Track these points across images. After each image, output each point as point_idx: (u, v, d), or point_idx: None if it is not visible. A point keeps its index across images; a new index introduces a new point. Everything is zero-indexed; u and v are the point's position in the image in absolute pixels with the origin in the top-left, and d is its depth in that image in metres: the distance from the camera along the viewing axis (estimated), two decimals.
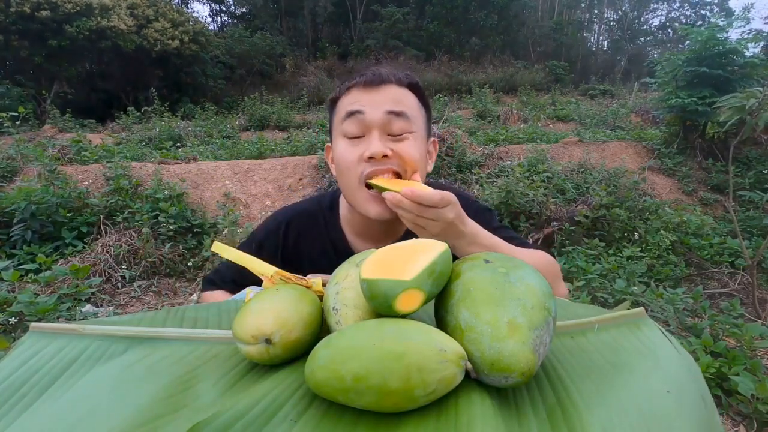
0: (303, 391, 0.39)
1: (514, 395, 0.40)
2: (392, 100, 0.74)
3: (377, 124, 0.73)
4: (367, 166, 0.73)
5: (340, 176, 0.78)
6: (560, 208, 3.80)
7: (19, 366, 0.48)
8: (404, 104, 0.75)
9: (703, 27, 5.41)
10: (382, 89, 0.74)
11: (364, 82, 0.74)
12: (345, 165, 0.75)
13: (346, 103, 0.76)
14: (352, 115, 0.73)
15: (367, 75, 0.75)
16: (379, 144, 0.72)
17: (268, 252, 0.89)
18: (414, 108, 0.77)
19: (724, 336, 2.16)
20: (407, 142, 0.75)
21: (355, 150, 0.74)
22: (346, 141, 0.75)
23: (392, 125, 0.73)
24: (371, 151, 0.71)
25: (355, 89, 0.75)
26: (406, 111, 0.74)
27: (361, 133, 0.74)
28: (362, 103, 0.73)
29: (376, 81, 0.74)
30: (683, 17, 26.14)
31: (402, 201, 0.63)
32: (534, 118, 8.87)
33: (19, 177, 4.10)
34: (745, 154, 5.61)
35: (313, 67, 16.86)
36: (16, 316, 2.34)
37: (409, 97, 0.77)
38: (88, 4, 10.71)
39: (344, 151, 0.75)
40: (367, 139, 0.74)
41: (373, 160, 0.72)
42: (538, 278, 0.42)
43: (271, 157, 5.49)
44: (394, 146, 0.73)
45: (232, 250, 0.56)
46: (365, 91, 0.74)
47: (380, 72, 0.75)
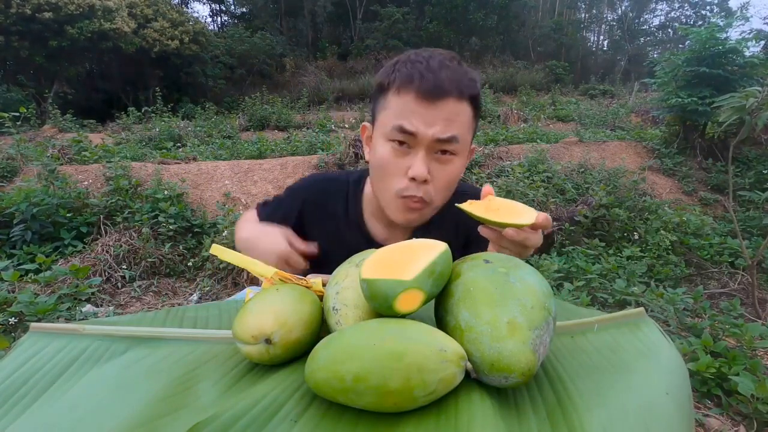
0: (303, 391, 0.39)
1: (514, 395, 0.39)
2: (447, 119, 0.69)
3: (425, 144, 0.70)
4: (409, 185, 0.72)
5: (378, 175, 0.77)
6: (560, 208, 3.80)
7: (19, 366, 0.48)
8: (457, 125, 0.71)
9: (702, 27, 5.41)
10: (439, 105, 0.68)
11: (423, 92, 0.68)
12: (386, 172, 0.74)
13: (397, 107, 0.71)
14: (404, 132, 0.70)
15: (427, 82, 0.68)
16: (423, 168, 0.70)
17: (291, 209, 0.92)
18: (466, 125, 0.73)
19: (724, 336, 2.16)
20: (451, 165, 0.74)
21: (399, 162, 0.72)
22: (391, 146, 0.72)
23: (442, 145, 0.72)
24: (414, 173, 0.70)
25: (412, 95, 0.69)
26: (457, 135, 0.71)
27: (409, 143, 0.71)
28: (415, 120, 0.69)
29: (435, 94, 0.68)
30: (683, 17, 26.14)
31: (519, 234, 0.56)
32: (534, 118, 8.87)
33: (19, 177, 4.10)
34: (745, 154, 5.61)
35: (313, 67, 16.87)
36: (16, 316, 2.34)
37: (465, 112, 0.72)
38: (91, 5, 10.71)
39: (388, 158, 0.73)
40: (413, 152, 0.71)
41: (414, 181, 0.71)
42: (538, 278, 0.42)
43: (271, 157, 5.49)
44: (437, 170, 0.73)
45: (231, 253, 0.56)
46: (422, 103, 0.68)
47: (442, 83, 0.68)
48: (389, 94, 0.72)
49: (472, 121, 0.75)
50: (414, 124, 0.69)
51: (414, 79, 0.69)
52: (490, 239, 0.59)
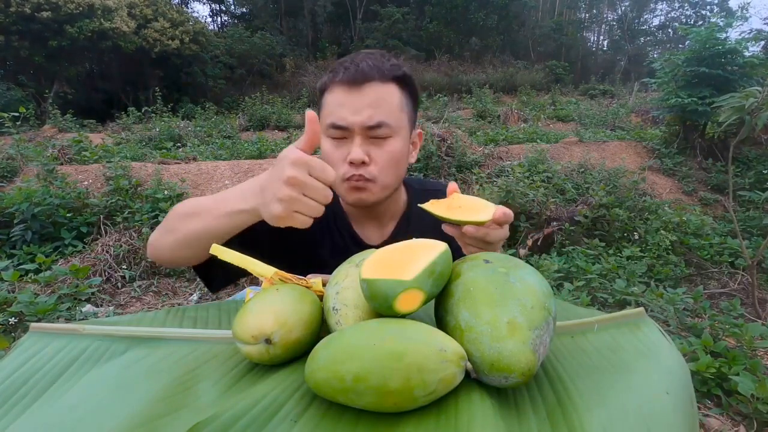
0: (303, 391, 0.39)
1: (514, 395, 0.39)
2: (372, 106, 0.74)
3: (358, 130, 0.75)
4: (349, 169, 0.77)
5: None
6: (560, 208, 3.79)
7: (19, 366, 0.48)
8: (384, 109, 0.75)
9: (702, 27, 5.41)
10: (364, 89, 0.74)
11: (346, 81, 0.74)
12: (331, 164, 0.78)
13: (330, 103, 0.77)
14: (336, 127, 0.76)
15: (349, 71, 0.75)
16: (359, 151, 0.75)
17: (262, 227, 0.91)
18: (395, 107, 0.77)
19: (724, 336, 2.16)
20: (387, 146, 0.78)
21: (339, 152, 0.77)
22: (330, 141, 0.78)
23: (373, 131, 0.76)
24: (351, 157, 0.75)
25: (339, 87, 0.76)
26: (384, 119, 0.75)
27: (344, 135, 0.77)
28: (344, 111, 0.75)
29: (359, 79, 0.74)
30: (683, 17, 26.15)
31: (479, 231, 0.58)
32: (534, 118, 8.87)
33: (19, 177, 4.10)
34: (745, 154, 5.61)
35: (313, 67, 16.87)
36: (16, 316, 2.34)
37: (392, 94, 0.77)
38: (90, 5, 10.71)
39: (329, 151, 0.79)
40: (350, 141, 0.76)
41: (353, 165, 0.76)
42: (538, 278, 0.42)
43: (271, 157, 5.49)
44: (375, 151, 0.77)
45: (231, 252, 0.56)
46: (347, 91, 0.75)
47: (363, 68, 0.74)
48: (325, 94, 0.79)
49: (402, 101, 0.79)
50: (342, 117, 0.74)
51: (339, 72, 0.76)
52: (455, 236, 0.61)
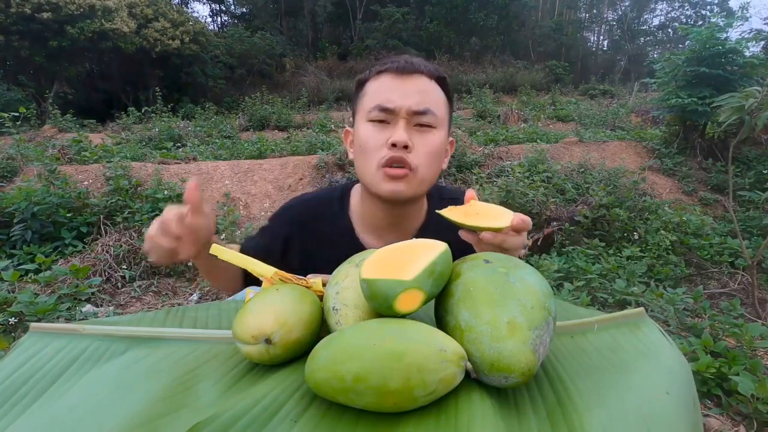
0: (303, 391, 0.39)
1: (514, 395, 0.39)
2: (420, 92, 0.75)
3: (404, 114, 0.74)
4: (389, 152, 0.74)
5: (361, 158, 0.78)
6: (560, 208, 3.80)
7: (19, 366, 0.48)
8: (431, 98, 0.76)
9: (703, 27, 5.41)
10: (413, 79, 0.75)
11: (396, 69, 0.76)
12: (368, 147, 0.76)
13: (375, 89, 0.77)
14: (382, 110, 0.74)
15: (399, 62, 0.76)
16: (404, 133, 0.73)
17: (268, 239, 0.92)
18: (440, 103, 0.78)
19: (724, 336, 2.16)
20: (430, 135, 0.77)
21: (380, 135, 0.75)
22: (372, 125, 0.76)
23: (419, 118, 0.75)
24: (395, 139, 0.73)
25: (387, 75, 0.76)
26: (431, 108, 0.75)
27: (386, 119, 0.75)
28: (392, 94, 0.74)
29: (408, 69, 0.75)
30: (683, 17, 26.15)
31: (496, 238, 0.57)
32: (534, 118, 8.87)
33: (19, 177, 4.10)
34: (745, 154, 5.61)
35: (313, 67, 16.87)
36: (16, 316, 2.34)
37: (436, 90, 0.78)
38: (91, 5, 10.71)
39: (369, 135, 0.76)
40: (393, 126, 0.75)
41: (395, 147, 0.74)
42: (538, 278, 0.42)
43: (271, 157, 5.49)
44: (417, 139, 0.75)
45: (231, 252, 0.56)
46: (396, 78, 0.76)
47: (413, 61, 0.77)
48: (367, 84, 0.79)
49: (444, 102, 0.80)
50: (391, 100, 0.74)
51: (389, 63, 0.77)
52: (471, 243, 0.60)
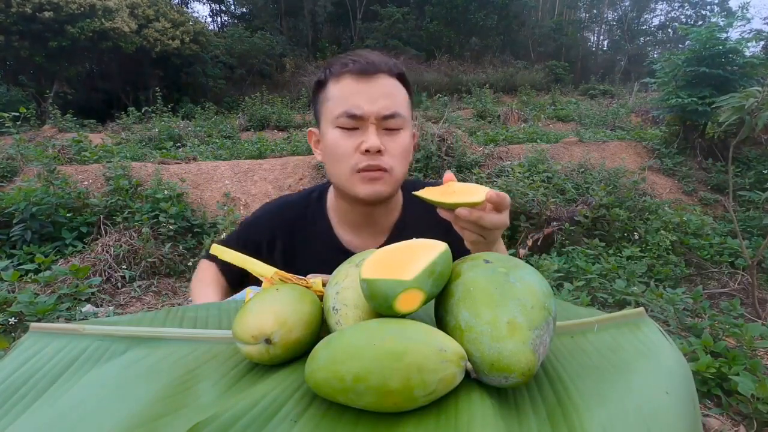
0: (303, 391, 0.39)
1: (514, 395, 0.39)
2: (385, 96, 0.75)
3: (373, 119, 0.74)
4: (362, 158, 0.74)
5: (333, 164, 0.79)
6: (560, 208, 3.79)
7: (19, 366, 0.48)
8: (396, 100, 0.76)
9: (703, 27, 5.41)
10: (375, 80, 0.74)
11: (357, 71, 0.74)
12: (339, 154, 0.76)
13: (339, 93, 0.75)
14: (351, 117, 0.74)
15: (359, 62, 0.74)
16: (376, 139, 0.73)
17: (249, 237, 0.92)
18: (404, 102, 0.78)
19: (724, 336, 2.16)
20: (399, 137, 0.77)
21: (350, 141, 0.75)
22: (340, 131, 0.76)
23: (387, 122, 0.75)
24: (368, 145, 0.73)
25: (348, 77, 0.75)
26: (398, 110, 0.76)
27: (356, 125, 0.75)
28: (359, 100, 0.74)
29: (369, 70, 0.74)
30: (683, 17, 26.17)
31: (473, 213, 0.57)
32: (534, 118, 8.87)
33: (19, 177, 4.10)
34: (745, 154, 5.61)
35: (313, 67, 16.87)
36: (16, 316, 2.34)
37: (399, 89, 0.78)
38: (91, 5, 10.71)
39: (339, 142, 0.76)
40: (362, 131, 0.75)
41: (368, 153, 0.74)
42: (538, 278, 0.42)
43: (271, 157, 5.49)
44: (388, 142, 0.76)
45: (231, 252, 0.56)
46: (358, 80, 0.74)
47: (373, 61, 0.75)
48: (328, 86, 0.78)
49: (407, 100, 0.80)
50: (358, 105, 0.73)
51: (348, 63, 0.75)
52: (450, 220, 0.60)
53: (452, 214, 0.59)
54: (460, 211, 0.56)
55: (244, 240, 0.92)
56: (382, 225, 0.90)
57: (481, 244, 0.61)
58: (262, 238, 0.91)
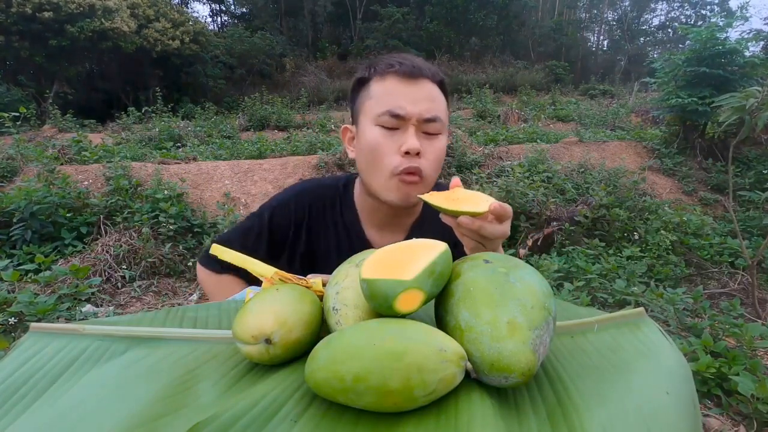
0: (303, 391, 0.39)
1: (514, 395, 0.39)
2: (428, 99, 0.76)
3: (414, 121, 0.75)
4: (402, 161, 0.75)
5: (371, 163, 0.79)
6: (560, 208, 3.79)
7: (19, 366, 0.48)
8: (437, 105, 0.77)
9: (702, 27, 5.41)
10: (419, 84, 0.76)
11: (403, 73, 0.75)
12: (380, 153, 0.77)
13: (383, 92, 0.76)
14: (393, 116, 0.75)
15: (405, 65, 0.76)
16: (416, 141, 0.74)
17: (279, 221, 0.89)
18: (444, 109, 0.80)
19: (724, 336, 2.16)
20: (437, 141, 0.78)
21: (391, 142, 0.76)
22: (381, 130, 0.76)
23: (427, 126, 0.76)
24: (408, 146, 0.74)
25: (393, 78, 0.76)
26: (439, 115, 0.77)
27: (397, 126, 0.76)
28: (402, 100, 0.75)
29: (415, 73, 0.75)
30: (683, 17, 26.17)
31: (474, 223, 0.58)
32: (534, 118, 8.87)
33: (19, 177, 4.10)
34: (745, 154, 5.61)
35: (313, 67, 16.87)
36: (16, 316, 2.34)
37: (440, 95, 0.79)
38: (91, 5, 10.71)
39: (380, 140, 0.76)
40: (403, 132, 0.76)
41: (408, 155, 0.75)
42: (538, 278, 0.42)
43: (271, 157, 5.49)
44: (427, 146, 0.77)
45: (231, 252, 0.56)
46: (403, 83, 0.75)
47: (419, 65, 0.77)
48: (371, 84, 0.79)
49: (446, 107, 0.81)
50: (401, 106, 0.74)
51: (394, 64, 0.76)
52: (452, 227, 0.61)
53: (454, 220, 0.59)
54: (462, 220, 0.57)
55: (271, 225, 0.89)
56: (403, 224, 0.91)
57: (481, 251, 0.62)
58: (290, 222, 0.90)
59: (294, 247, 0.90)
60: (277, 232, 0.89)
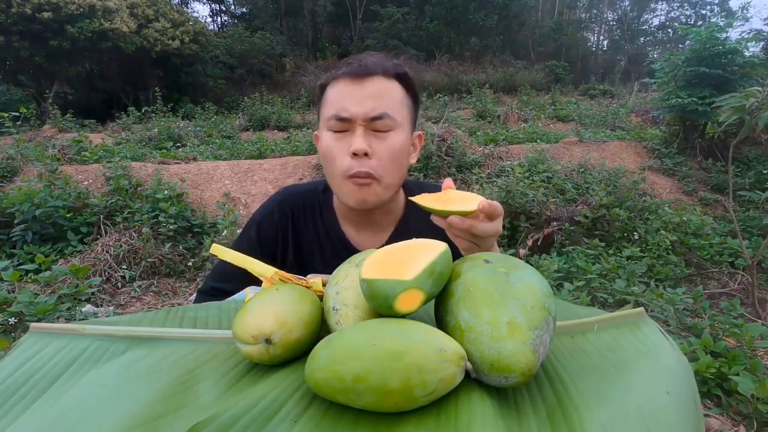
0: (303, 391, 0.39)
1: (514, 395, 0.39)
2: (374, 97, 0.75)
3: (360, 121, 0.75)
4: (352, 163, 0.75)
5: (326, 167, 0.80)
6: (560, 208, 3.80)
7: (19, 366, 0.48)
8: (386, 101, 0.76)
9: (702, 27, 5.41)
10: (367, 82, 0.75)
11: (351, 74, 0.75)
12: (330, 157, 0.77)
13: (333, 96, 0.77)
14: (339, 119, 0.75)
15: (353, 65, 0.76)
16: (362, 141, 0.74)
17: (267, 233, 0.91)
18: (397, 102, 0.78)
19: (724, 336, 2.16)
20: (389, 139, 0.77)
21: (340, 144, 0.76)
22: (331, 134, 0.77)
23: (375, 124, 0.75)
24: (354, 147, 0.74)
25: (342, 80, 0.76)
26: (387, 111, 0.75)
27: (345, 128, 0.76)
28: (347, 102, 0.75)
29: (361, 73, 0.75)
30: (683, 17, 26.18)
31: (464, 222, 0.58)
32: (534, 118, 8.87)
33: (19, 177, 4.10)
34: (745, 154, 5.61)
35: (313, 67, 16.88)
36: (16, 316, 2.34)
37: (394, 89, 0.78)
38: (91, 5, 10.72)
39: (330, 144, 0.77)
40: (351, 134, 0.75)
41: (356, 156, 0.74)
42: (538, 278, 0.42)
43: (271, 157, 5.49)
44: (377, 145, 0.76)
45: (231, 252, 0.56)
46: (351, 83, 0.75)
47: (367, 63, 0.76)
48: (327, 89, 0.79)
49: (404, 98, 0.79)
50: (345, 108, 0.74)
51: (343, 67, 0.77)
52: (443, 227, 0.61)
53: (445, 221, 0.59)
54: (452, 219, 0.57)
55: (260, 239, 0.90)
56: (382, 224, 0.91)
57: (475, 250, 0.62)
58: (277, 231, 0.91)
59: (285, 254, 0.91)
60: (267, 243, 0.90)
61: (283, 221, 0.91)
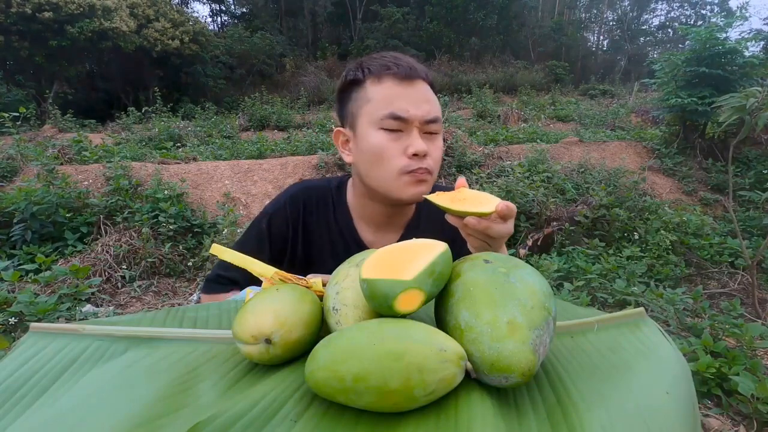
0: (303, 391, 0.39)
1: (514, 395, 0.39)
2: (427, 101, 0.78)
3: (417, 123, 0.76)
4: (410, 162, 0.76)
5: (374, 165, 0.79)
6: (560, 208, 3.80)
7: (19, 366, 0.48)
8: (435, 106, 0.79)
9: (702, 27, 5.41)
10: (416, 85, 0.77)
11: (400, 75, 0.76)
12: (384, 156, 0.77)
13: (382, 95, 0.76)
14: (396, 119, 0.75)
15: (402, 66, 0.76)
16: (423, 143, 0.76)
17: (277, 226, 0.90)
18: (439, 108, 0.81)
19: (724, 336, 2.16)
20: (438, 140, 0.80)
21: (395, 145, 0.76)
22: (385, 133, 0.76)
23: (429, 126, 0.78)
24: (416, 149, 0.75)
25: (390, 80, 0.76)
26: (438, 115, 0.79)
27: (400, 128, 0.76)
28: (404, 103, 0.75)
29: (412, 75, 0.76)
30: (683, 17, 26.18)
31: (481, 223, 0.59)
32: (534, 118, 8.87)
33: (19, 177, 4.10)
34: (745, 154, 5.61)
35: (313, 67, 16.87)
36: (16, 316, 2.34)
37: (434, 95, 0.81)
38: (91, 5, 10.72)
39: (385, 144, 0.76)
40: (406, 134, 0.76)
41: (416, 157, 0.76)
42: (538, 278, 0.42)
43: (271, 157, 5.49)
44: (430, 146, 0.78)
45: (231, 252, 0.56)
46: (401, 84, 0.76)
47: (413, 66, 0.77)
48: (367, 86, 0.78)
49: (439, 105, 0.82)
50: (404, 108, 0.75)
51: (390, 66, 0.76)
52: (458, 227, 0.62)
53: (460, 220, 0.60)
54: (469, 220, 0.58)
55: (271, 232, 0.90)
56: (397, 223, 0.92)
57: (486, 250, 0.63)
58: (288, 225, 0.91)
59: (294, 249, 0.91)
60: (278, 237, 0.90)
61: (294, 215, 0.91)
